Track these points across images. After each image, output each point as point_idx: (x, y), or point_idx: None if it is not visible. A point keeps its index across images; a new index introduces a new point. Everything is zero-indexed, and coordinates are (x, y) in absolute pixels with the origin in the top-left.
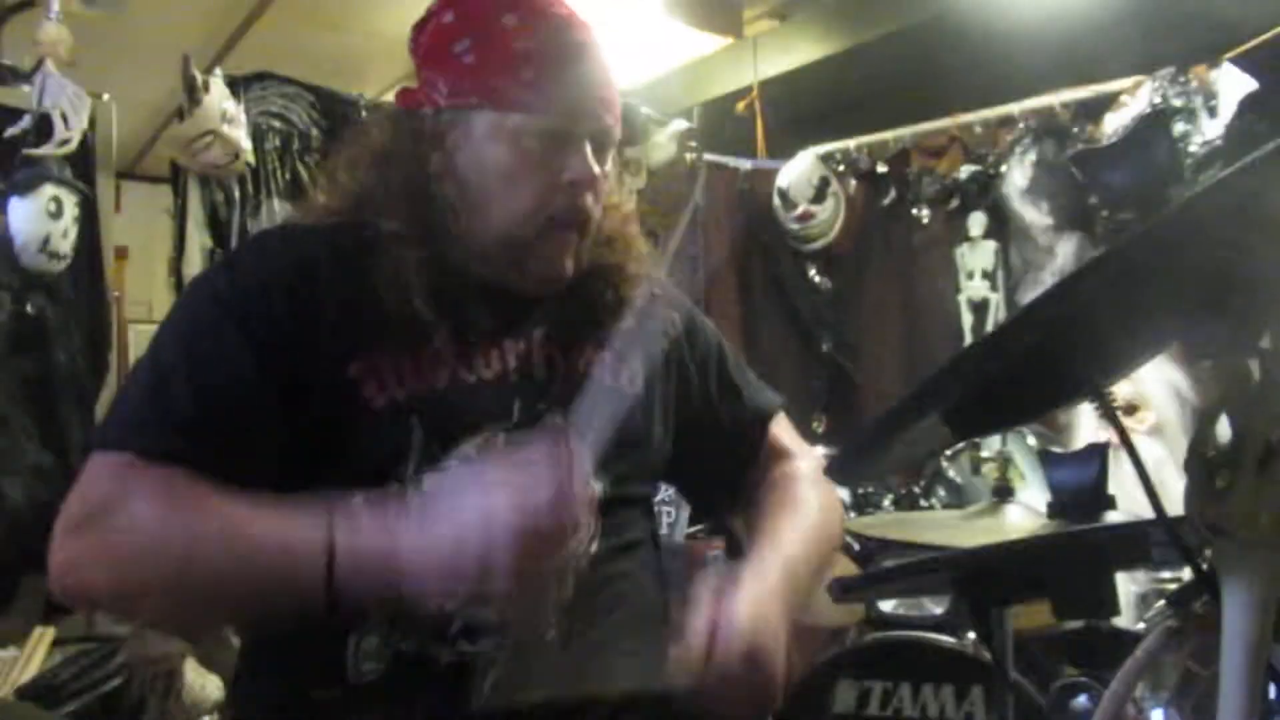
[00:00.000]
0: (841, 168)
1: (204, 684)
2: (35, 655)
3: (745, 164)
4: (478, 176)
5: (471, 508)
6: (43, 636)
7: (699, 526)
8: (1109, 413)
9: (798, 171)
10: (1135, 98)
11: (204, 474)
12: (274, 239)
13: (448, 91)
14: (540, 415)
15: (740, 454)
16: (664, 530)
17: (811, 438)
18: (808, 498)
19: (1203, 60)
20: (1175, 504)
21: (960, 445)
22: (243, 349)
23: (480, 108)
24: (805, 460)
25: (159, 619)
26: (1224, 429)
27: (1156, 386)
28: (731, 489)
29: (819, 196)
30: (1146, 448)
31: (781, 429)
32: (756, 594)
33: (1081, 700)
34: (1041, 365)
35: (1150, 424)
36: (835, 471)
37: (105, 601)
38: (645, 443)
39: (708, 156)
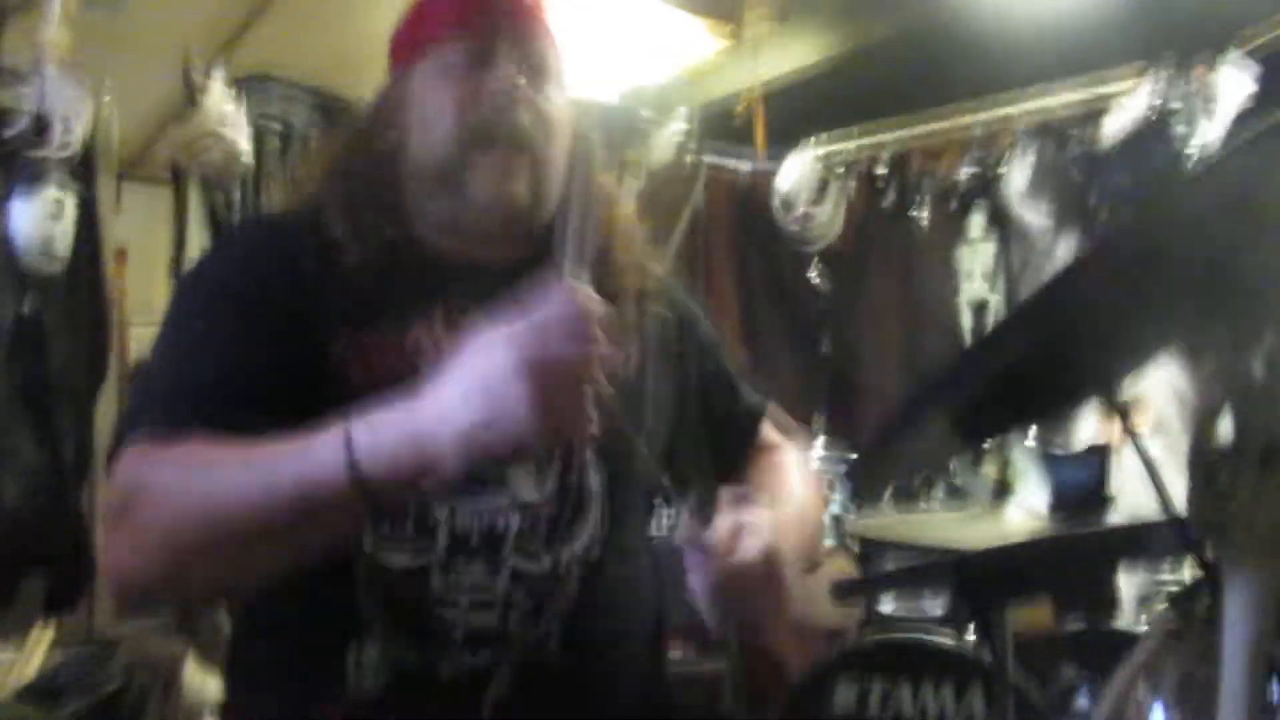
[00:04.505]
0: (841, 168)
1: (203, 684)
2: (35, 655)
3: (745, 165)
4: (418, 122)
5: (477, 360)
6: (42, 636)
7: None
8: (1116, 410)
9: (797, 172)
10: (1135, 99)
11: (217, 435)
12: (259, 227)
13: (394, 67)
14: None
15: (733, 449)
16: (664, 530)
17: (811, 438)
18: (795, 478)
19: (1203, 60)
20: (1175, 504)
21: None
22: (239, 328)
23: (413, 61)
24: (790, 452)
25: (213, 584)
26: (1224, 429)
27: (1156, 386)
28: (722, 482)
29: (819, 197)
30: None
31: (769, 427)
32: (770, 516)
33: (1081, 700)
34: (1045, 369)
35: (1150, 424)
36: (854, 477)
37: (159, 588)
38: (643, 432)
39: (707, 158)
